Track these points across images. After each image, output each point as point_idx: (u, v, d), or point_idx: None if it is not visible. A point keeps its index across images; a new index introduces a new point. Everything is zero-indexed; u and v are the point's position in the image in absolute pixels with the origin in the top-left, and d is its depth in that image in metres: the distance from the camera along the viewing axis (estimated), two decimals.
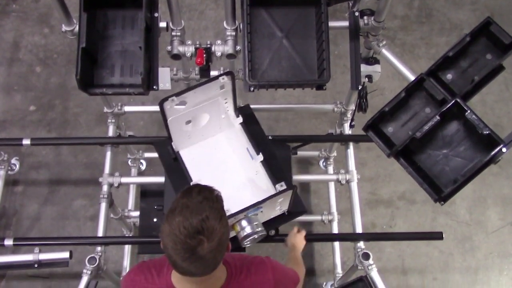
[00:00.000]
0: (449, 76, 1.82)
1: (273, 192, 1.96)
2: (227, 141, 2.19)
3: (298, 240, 2.12)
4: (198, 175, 2.07)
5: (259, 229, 1.88)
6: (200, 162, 2.13)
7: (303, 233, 2.16)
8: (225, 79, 1.90)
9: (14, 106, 3.56)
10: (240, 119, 2.18)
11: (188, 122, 2.04)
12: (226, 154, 2.16)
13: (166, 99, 1.83)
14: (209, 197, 1.42)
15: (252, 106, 2.73)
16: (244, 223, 1.87)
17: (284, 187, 1.95)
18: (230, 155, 2.16)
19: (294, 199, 1.98)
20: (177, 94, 1.85)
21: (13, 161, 3.29)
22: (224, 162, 2.14)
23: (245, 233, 1.87)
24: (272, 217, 2.07)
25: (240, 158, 2.14)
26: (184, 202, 1.38)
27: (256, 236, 1.87)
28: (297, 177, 2.61)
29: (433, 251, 3.24)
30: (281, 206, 2.01)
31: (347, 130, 2.63)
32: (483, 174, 1.74)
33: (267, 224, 2.05)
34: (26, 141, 2.45)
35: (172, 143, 2.10)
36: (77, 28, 2.01)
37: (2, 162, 3.10)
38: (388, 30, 3.81)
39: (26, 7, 3.90)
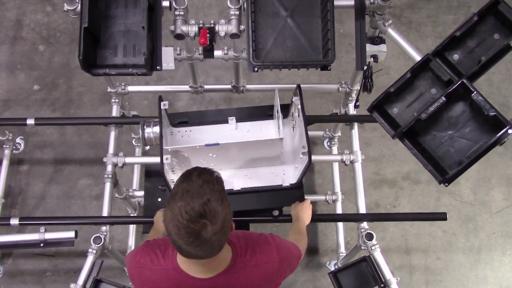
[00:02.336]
0: (455, 56, 1.79)
1: None
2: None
3: (304, 213, 2.08)
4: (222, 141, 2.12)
5: None
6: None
7: (308, 205, 2.11)
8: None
9: (18, 85, 3.55)
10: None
11: None
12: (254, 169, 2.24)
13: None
14: (209, 179, 1.40)
15: (256, 86, 2.72)
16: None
17: None
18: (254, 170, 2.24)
19: None
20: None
21: (18, 140, 3.31)
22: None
23: None
24: None
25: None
26: (184, 187, 1.38)
27: None
28: None
29: (436, 231, 3.25)
30: None
31: (352, 110, 2.61)
32: (487, 155, 1.72)
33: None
34: (30, 121, 2.45)
35: None
36: (79, 7, 1.99)
37: (7, 141, 3.11)
38: (395, 8, 3.75)
39: None
